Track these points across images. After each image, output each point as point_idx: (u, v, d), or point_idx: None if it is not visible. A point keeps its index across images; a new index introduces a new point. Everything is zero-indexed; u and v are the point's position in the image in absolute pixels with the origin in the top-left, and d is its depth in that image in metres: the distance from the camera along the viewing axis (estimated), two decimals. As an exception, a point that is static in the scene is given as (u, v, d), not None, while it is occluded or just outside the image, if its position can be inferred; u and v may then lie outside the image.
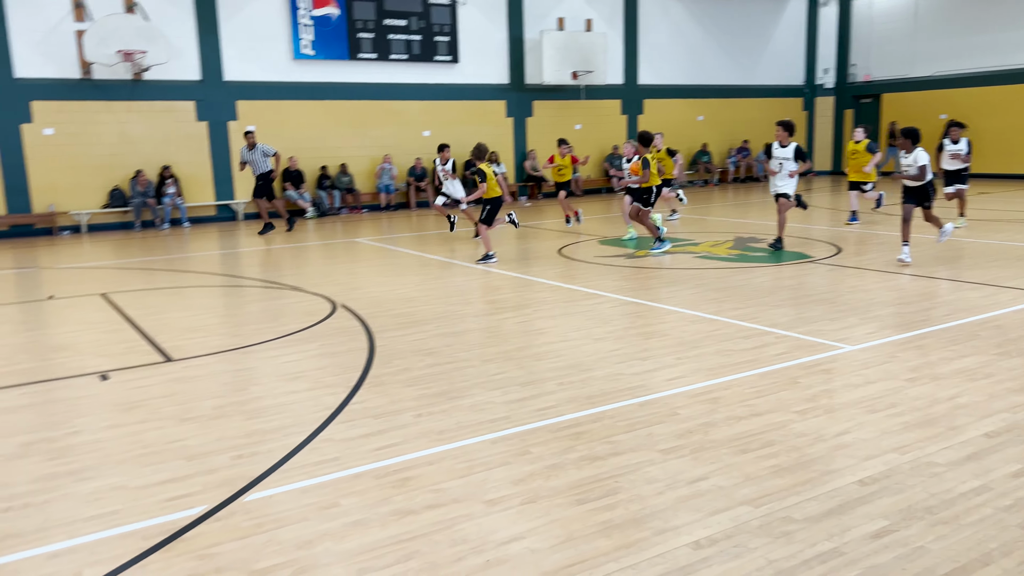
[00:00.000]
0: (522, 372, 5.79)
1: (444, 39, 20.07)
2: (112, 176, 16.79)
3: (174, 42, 16.58)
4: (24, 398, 5.58)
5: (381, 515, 3.62)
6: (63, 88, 16.04)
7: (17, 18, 15.44)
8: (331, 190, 18.98)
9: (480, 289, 9.19)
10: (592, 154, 22.83)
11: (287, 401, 5.32)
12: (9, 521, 3.68)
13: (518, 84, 21.44)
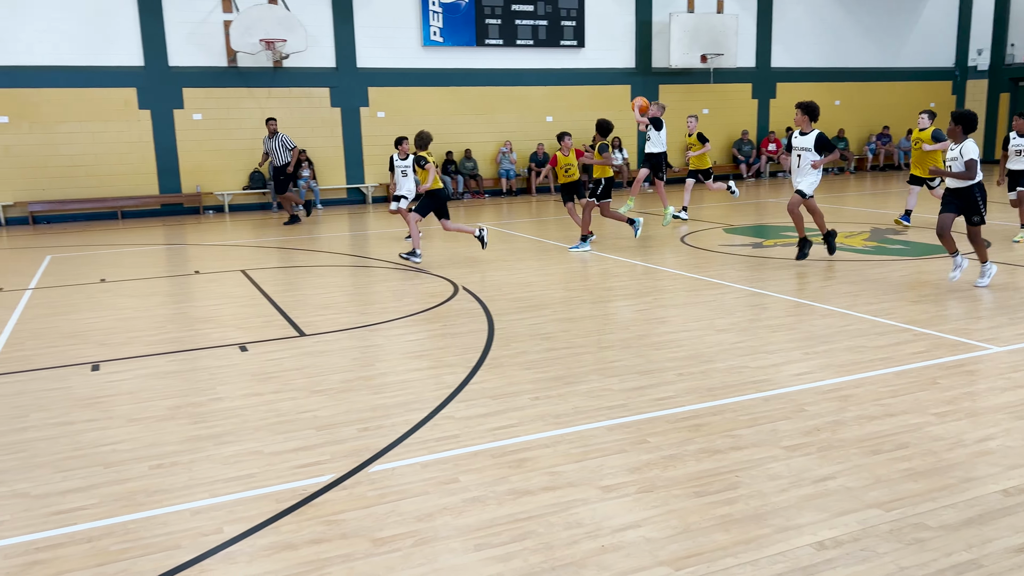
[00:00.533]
0: (640, 360, 5.73)
1: (570, 24, 19.98)
2: (253, 159, 17.73)
3: (311, 31, 17.29)
4: (172, 365, 6.02)
5: (498, 493, 3.69)
6: (211, 75, 17.07)
7: (172, 11, 16.54)
8: (455, 175, 19.34)
9: (599, 275, 9.14)
10: (720, 140, 22.21)
11: (410, 378, 5.49)
12: (160, 477, 3.99)
13: (644, 68, 21.10)
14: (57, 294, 8.86)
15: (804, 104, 9.06)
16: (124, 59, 16.37)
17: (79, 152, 16.23)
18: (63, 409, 5.03)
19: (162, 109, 16.77)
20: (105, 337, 6.85)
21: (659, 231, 12.63)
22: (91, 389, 5.43)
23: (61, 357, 6.25)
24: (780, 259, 9.78)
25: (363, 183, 18.84)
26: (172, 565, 3.15)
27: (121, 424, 4.73)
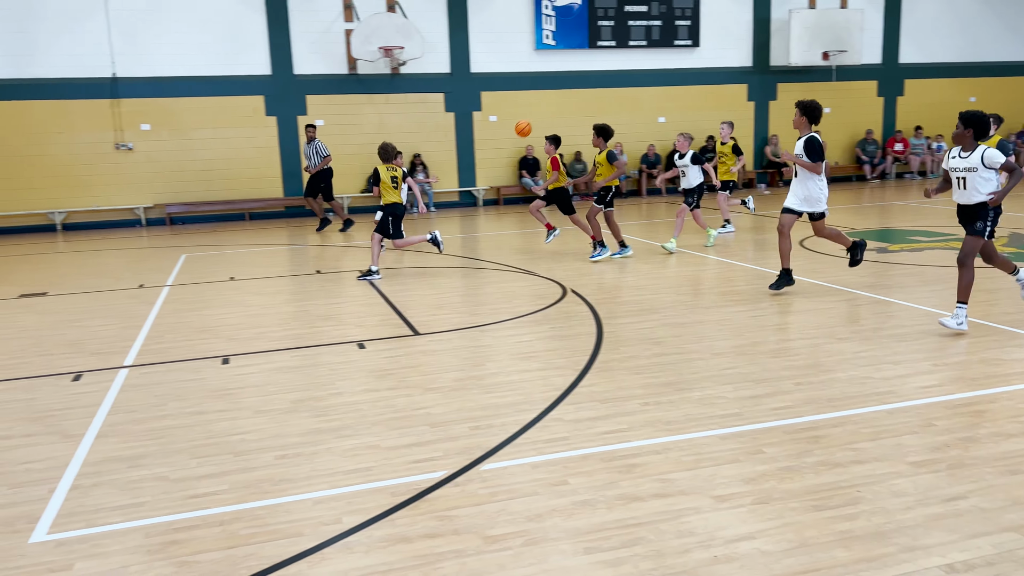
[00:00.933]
0: (755, 368, 5.58)
1: (685, 23, 19.65)
2: (370, 163, 18.30)
3: (428, 37, 17.72)
4: (295, 360, 6.31)
5: (608, 498, 3.68)
6: (332, 83, 17.77)
7: (297, 22, 17.33)
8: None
9: (711, 280, 8.95)
10: (842, 140, 21.32)
11: (519, 379, 5.55)
12: (284, 467, 4.19)
13: (762, 66, 20.50)
14: (191, 291, 9.45)
15: (803, 104, 7.80)
16: (253, 69, 17.27)
17: (212, 157, 17.23)
18: (197, 399, 5.36)
19: (287, 115, 17.59)
20: (234, 332, 7.26)
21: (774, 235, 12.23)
22: (222, 381, 5.77)
23: (195, 350, 6.67)
24: (907, 265, 9.30)
25: (474, 186, 19.15)
26: (295, 551, 3.31)
27: (249, 415, 5.01)
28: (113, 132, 16.66)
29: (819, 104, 7.88)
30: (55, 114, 16.24)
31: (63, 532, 3.56)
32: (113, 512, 3.73)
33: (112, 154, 16.77)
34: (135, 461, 4.33)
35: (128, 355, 6.58)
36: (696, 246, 11.34)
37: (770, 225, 13.37)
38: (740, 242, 11.70)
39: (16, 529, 3.60)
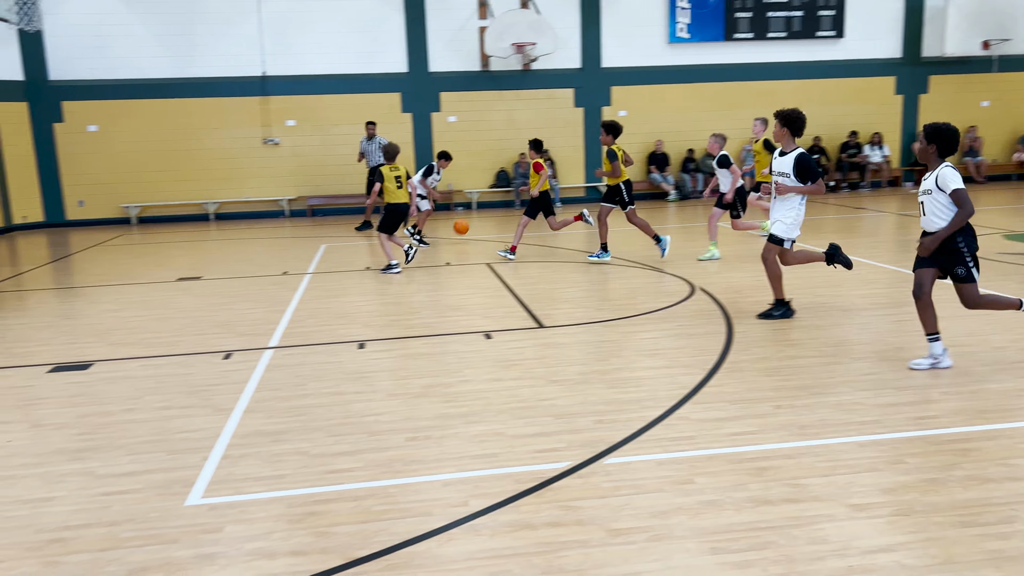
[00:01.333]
0: (898, 375, 5.28)
1: (829, 13, 18.78)
2: (499, 159, 18.63)
3: (560, 33, 17.77)
4: (426, 347, 6.51)
5: (736, 499, 3.60)
6: (465, 80, 18.14)
7: (434, 20, 17.81)
8: (695, 173, 18.96)
9: (852, 282, 8.53)
10: (1002, 135, 19.78)
11: (645, 376, 5.50)
12: (415, 448, 4.35)
13: (912, 57, 19.30)
14: (330, 279, 9.91)
15: (784, 114, 6.63)
16: (391, 66, 17.89)
17: (350, 152, 17.93)
18: (335, 381, 5.64)
19: (422, 112, 18.11)
20: (369, 319, 7.57)
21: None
22: (358, 365, 6.04)
23: (333, 335, 7.00)
24: (1075, 271, 8.52)
25: (600, 181, 19.05)
26: (424, 530, 3.43)
27: (382, 398, 5.22)
28: (261, 128, 17.69)
29: (803, 114, 6.75)
30: (211, 111, 17.42)
31: (215, 497, 3.83)
32: (258, 482, 3.99)
33: (260, 149, 17.81)
34: (278, 436, 4.60)
35: (272, 337, 6.99)
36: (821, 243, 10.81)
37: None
38: (884, 241, 11.08)
39: (174, 492, 3.91)
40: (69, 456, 4.40)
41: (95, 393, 5.54)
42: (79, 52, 16.80)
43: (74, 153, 17.16)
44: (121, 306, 8.61)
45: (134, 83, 17.09)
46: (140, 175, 17.43)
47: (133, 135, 17.32)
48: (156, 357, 6.45)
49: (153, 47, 17.05)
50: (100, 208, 17.56)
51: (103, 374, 6.02)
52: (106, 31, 16.84)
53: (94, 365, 6.26)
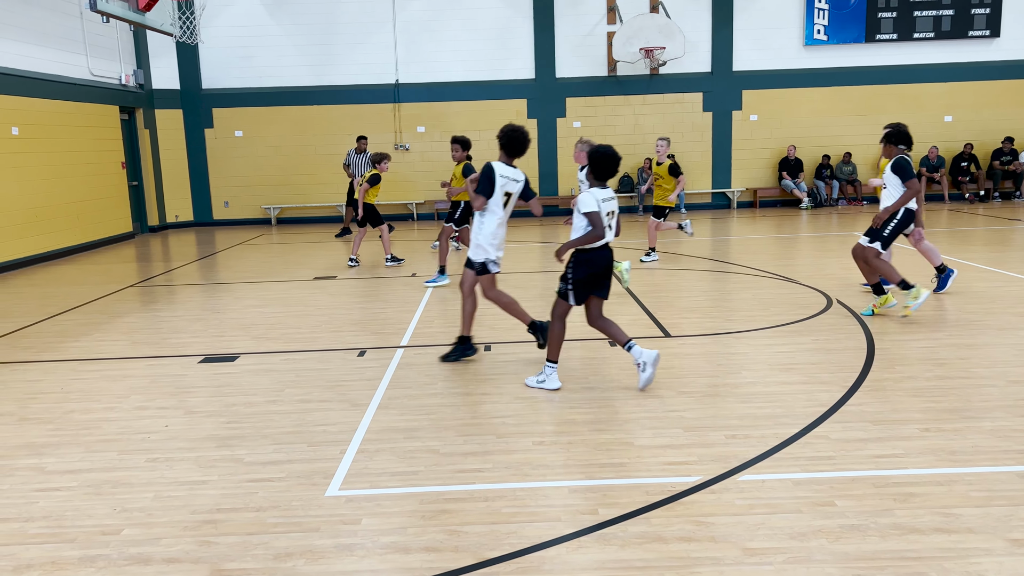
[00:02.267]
0: (1064, 402, 4.87)
1: (982, 11, 17.57)
2: (624, 164, 18.44)
3: (689, 36, 17.46)
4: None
5: (881, 526, 3.42)
6: (591, 85, 18.12)
7: (562, 26, 17.89)
8: (830, 180, 18.17)
9: (1007, 299, 7.93)
10: None
11: (779, 391, 5.31)
12: (542, 452, 4.37)
13: (1079, 57, 17.77)
14: (456, 281, 10.11)
15: (502, 133, 6.09)
16: (518, 73, 18.10)
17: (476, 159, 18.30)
18: (463, 381, 5.75)
19: (547, 118, 18.22)
20: (495, 322, 7.67)
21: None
22: (485, 366, 6.13)
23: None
24: None
25: (729, 187, 18.58)
26: (554, 535, 3.44)
27: (509, 400, 5.28)
28: (394, 134, 18.30)
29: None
30: (348, 117, 18.17)
31: (352, 490, 3.99)
32: (393, 477, 4.12)
33: (392, 154, 18.42)
34: (410, 433, 4.74)
35: (404, 336, 7.21)
36: (991, 260, 10.11)
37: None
38: (1043, 257, 10.25)
39: (314, 483, 4.09)
40: (219, 443, 4.69)
41: (241, 384, 5.89)
42: (229, 62, 17.93)
43: (222, 157, 18.32)
44: (263, 302, 9.11)
45: (277, 91, 18.06)
46: (280, 178, 18.40)
47: (275, 140, 18.30)
48: (296, 352, 6.78)
49: (294, 56, 17.97)
50: (243, 209, 18.64)
51: (248, 366, 6.38)
52: (253, 42, 17.89)
53: (240, 357, 6.65)
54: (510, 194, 6.14)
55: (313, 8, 17.79)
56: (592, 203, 5.28)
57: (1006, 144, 17.85)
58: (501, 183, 6.03)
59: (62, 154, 13.83)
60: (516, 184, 6.14)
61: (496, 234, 6.12)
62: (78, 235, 14.28)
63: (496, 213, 6.09)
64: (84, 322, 8.31)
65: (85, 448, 4.67)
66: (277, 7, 17.81)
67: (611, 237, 5.43)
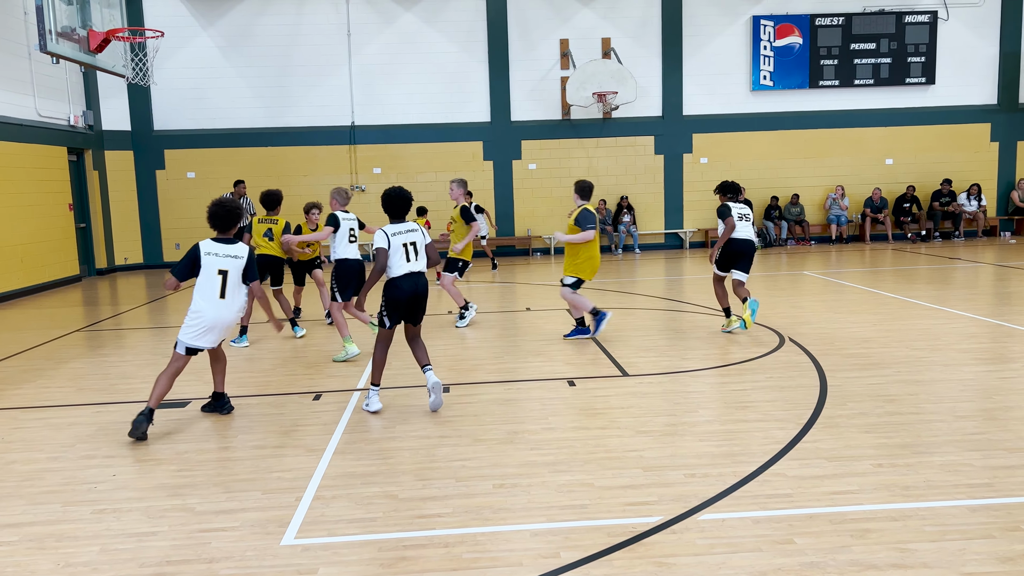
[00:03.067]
0: (1009, 436, 5.01)
1: (918, 60, 18.38)
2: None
3: (641, 81, 17.89)
4: (509, 393, 6.52)
5: (839, 563, 3.45)
6: (546, 128, 18.40)
7: (517, 71, 18.18)
8: (779, 221, 18.63)
9: (950, 335, 8.17)
10: (1107, 184, 18.80)
11: (736, 429, 5.37)
12: (502, 496, 4.33)
13: (1009, 104, 18.65)
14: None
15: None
16: (474, 116, 18.30)
17: (433, 199, 18.33)
18: (421, 424, 5.69)
19: (503, 160, 18.41)
20: (453, 364, 7.63)
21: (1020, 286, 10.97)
22: (442, 408, 6.07)
23: (418, 379, 7.06)
24: None
25: (681, 228, 18.91)
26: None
27: (468, 443, 5.23)
28: (350, 175, 18.28)
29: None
30: (303, 159, 18.11)
31: (309, 538, 3.89)
32: (350, 524, 4.03)
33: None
34: (368, 478, 4.66)
35: (360, 379, 7.12)
36: (934, 298, 10.43)
37: (1018, 276, 12.00)
38: (983, 293, 10.60)
39: (269, 531, 3.99)
40: (169, 491, 4.55)
41: (193, 430, 5.73)
42: (182, 103, 17.79)
43: (173, 199, 18.05)
44: (215, 346, 8.91)
45: (230, 132, 17.95)
46: (233, 220, 18.18)
47: (228, 181, 18.08)
48: (249, 396, 6.64)
49: (249, 98, 17.92)
50: (195, 251, 18.33)
51: (200, 412, 6.22)
52: (207, 83, 17.80)
53: (191, 403, 6.48)
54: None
55: (268, 51, 17.81)
56: (382, 239, 5.84)
57: (944, 186, 18.55)
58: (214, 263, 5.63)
59: (7, 196, 13.49)
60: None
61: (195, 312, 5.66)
62: (22, 278, 13.88)
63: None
64: (27, 368, 8.04)
65: (27, 500, 4.49)
66: (231, 49, 17.79)
67: (419, 266, 5.88)
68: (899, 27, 18.25)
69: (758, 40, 18.23)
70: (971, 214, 18.44)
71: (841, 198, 18.56)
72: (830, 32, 18.23)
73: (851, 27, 18.22)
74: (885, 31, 18.27)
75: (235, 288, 5.71)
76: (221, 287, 5.64)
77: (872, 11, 18.27)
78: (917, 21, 18.28)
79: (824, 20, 18.21)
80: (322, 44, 17.89)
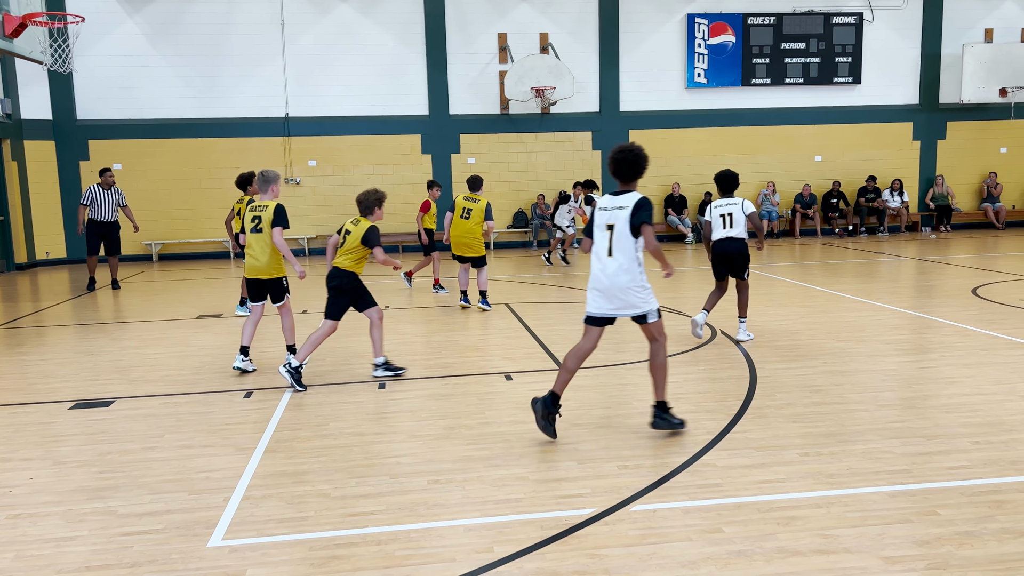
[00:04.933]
0: (927, 423, 5.21)
1: (845, 60, 18.96)
2: (517, 200, 18.76)
3: (579, 77, 18.00)
4: (446, 388, 6.49)
5: (766, 550, 3.53)
6: (484, 122, 18.37)
7: (455, 64, 18.10)
8: (713, 216, 18.99)
9: (875, 327, 8.45)
10: (1021, 182, 19.74)
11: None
12: (437, 492, 4.30)
13: (930, 104, 19.40)
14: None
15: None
16: (412, 109, 18.15)
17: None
18: (355, 421, 5.61)
19: (441, 154, 18.32)
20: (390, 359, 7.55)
21: (945, 281, 11.43)
22: (378, 405, 6.02)
23: (353, 375, 7.00)
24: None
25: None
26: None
27: (404, 439, 5.19)
28: (284, 168, 17.93)
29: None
30: (234, 151, 17.69)
31: (236, 539, 3.80)
32: (280, 524, 3.95)
33: (282, 188, 18.01)
34: (299, 477, 4.57)
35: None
36: (861, 291, 10.77)
37: (939, 270, 12.49)
38: (906, 286, 11.01)
39: (195, 533, 3.88)
40: (90, 494, 4.39)
41: (116, 431, 5.55)
42: (107, 92, 17.17)
43: (99, 191, 17.42)
44: (142, 343, 8.66)
45: (158, 123, 17.42)
46: (162, 213, 17.66)
47: (156, 173, 17.59)
48: (177, 395, 6.46)
49: (178, 88, 17.41)
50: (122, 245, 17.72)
51: (124, 411, 6.02)
52: (133, 72, 17.23)
53: (115, 402, 6.27)
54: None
55: (198, 39, 17.33)
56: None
57: (870, 183, 19.19)
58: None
59: (-84, 187, 12.82)
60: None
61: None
62: (-66, 274, 13.21)
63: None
64: (-62, 368, 7.66)
65: (-65, 507, 4.27)
66: (159, 37, 17.25)
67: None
68: (827, 28, 18.77)
69: (692, 38, 18.54)
70: (895, 210, 19.13)
71: (772, 194, 19.02)
72: (762, 31, 18.64)
73: (782, 27, 18.67)
74: (814, 31, 18.77)
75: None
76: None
77: (802, 11, 18.75)
78: (844, 22, 18.84)
79: (756, 19, 18.62)
80: (255, 34, 17.49)
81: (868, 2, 18.90)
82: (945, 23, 19.14)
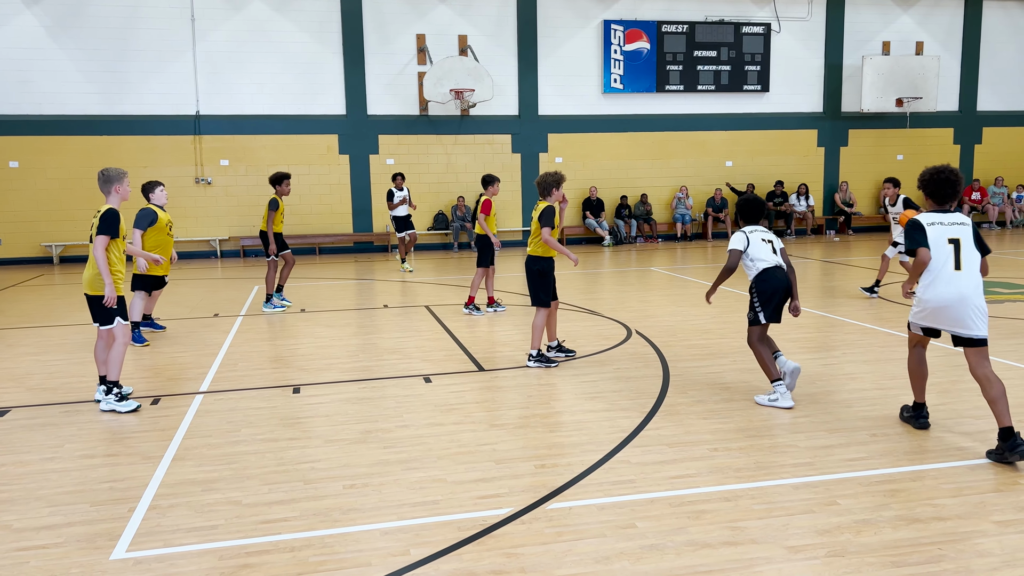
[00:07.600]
0: (829, 418, 5.44)
1: (754, 68, 19.65)
2: (437, 202, 18.71)
3: (497, 80, 18.08)
4: (363, 392, 6.41)
5: (677, 544, 3.62)
6: (404, 123, 18.25)
7: (373, 64, 17.92)
8: (628, 219, 19.37)
9: (782, 327, 8.73)
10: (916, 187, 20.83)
11: (584, 419, 5.53)
12: (352, 496, 4.25)
13: (833, 112, 20.29)
14: (263, 321, 9.70)
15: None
16: (329, 109, 17.87)
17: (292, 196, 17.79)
18: (269, 427, 5.49)
19: (359, 154, 18.10)
20: (305, 363, 7.42)
21: (845, 282, 11.97)
22: (293, 410, 5.90)
23: (267, 379, 6.84)
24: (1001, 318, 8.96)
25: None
26: (364, 580, 3.34)
27: (319, 444, 5.10)
28: (194, 167, 17.39)
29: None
30: (142, 149, 17.04)
31: (141, 551, 3.66)
32: (189, 533, 3.83)
33: (192, 188, 17.47)
34: (209, 485, 4.44)
35: (203, 382, 6.78)
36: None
37: (840, 272, 13.06)
38: (811, 287, 11.47)
39: (97, 546, 3.72)
40: (-18, 509, 4.15)
41: (11, 441, 5.27)
42: (3, 87, 16.30)
43: (-7, 189, 16.53)
44: (41, 349, 8.25)
45: (59, 119, 16.64)
46: (64, 213, 16.87)
47: (57, 172, 16.79)
48: (78, 403, 6.18)
49: (81, 83, 16.67)
50: (20, 247, 16.88)
51: (21, 421, 5.73)
52: (31, 66, 16.41)
53: (10, 412, 5.96)
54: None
55: (102, 33, 16.63)
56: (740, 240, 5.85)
57: (777, 187, 19.93)
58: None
59: None
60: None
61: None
62: None
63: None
64: None
65: None
66: (60, 30, 16.48)
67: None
68: (737, 37, 19.42)
69: (609, 44, 18.88)
70: (801, 213, 19.92)
71: (686, 198, 19.54)
72: (675, 39, 19.14)
73: (695, 35, 19.21)
74: (725, 40, 19.39)
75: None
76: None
77: (713, 20, 19.34)
78: (753, 32, 19.52)
79: (670, 27, 19.10)
80: (163, 28, 16.90)
81: (775, 13, 19.64)
82: (846, 35, 20.06)
